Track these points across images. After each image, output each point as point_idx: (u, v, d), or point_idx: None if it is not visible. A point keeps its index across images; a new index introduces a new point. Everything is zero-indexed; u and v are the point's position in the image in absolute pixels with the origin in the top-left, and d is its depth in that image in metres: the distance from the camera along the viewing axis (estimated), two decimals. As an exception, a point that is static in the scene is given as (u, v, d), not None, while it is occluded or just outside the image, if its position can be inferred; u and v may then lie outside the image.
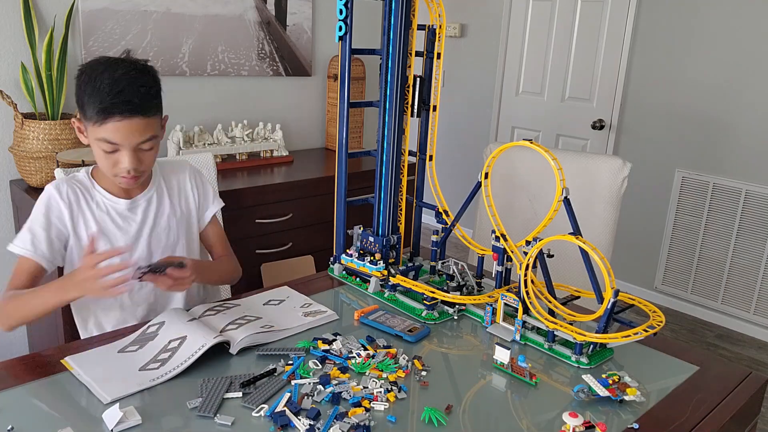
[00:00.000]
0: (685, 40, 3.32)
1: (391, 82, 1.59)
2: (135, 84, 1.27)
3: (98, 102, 1.23)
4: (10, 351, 2.38)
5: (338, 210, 1.71)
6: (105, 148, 1.28)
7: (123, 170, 1.31)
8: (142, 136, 1.29)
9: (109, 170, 1.33)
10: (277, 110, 2.98)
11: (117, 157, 1.30)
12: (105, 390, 1.09)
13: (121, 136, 1.27)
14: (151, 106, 1.30)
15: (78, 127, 1.35)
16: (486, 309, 1.44)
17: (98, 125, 1.26)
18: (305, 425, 1.02)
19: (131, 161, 1.29)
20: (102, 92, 1.23)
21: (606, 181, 2.04)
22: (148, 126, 1.30)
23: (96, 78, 1.25)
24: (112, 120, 1.24)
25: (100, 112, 1.24)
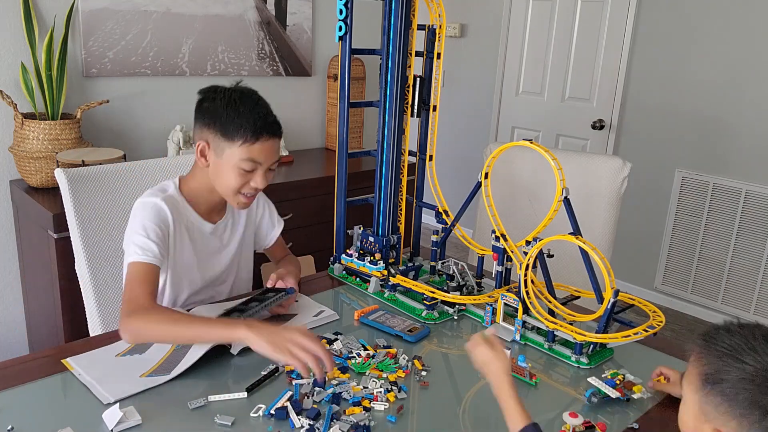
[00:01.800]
0: (685, 40, 3.32)
1: (391, 82, 1.59)
2: (269, 109, 1.39)
3: (251, 124, 1.32)
4: (10, 351, 2.38)
5: (338, 210, 1.71)
6: (246, 167, 1.35)
7: (252, 189, 1.39)
8: (277, 155, 1.41)
9: (237, 189, 1.38)
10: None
11: (251, 177, 1.37)
12: (107, 390, 1.10)
13: (266, 155, 1.36)
14: (281, 130, 1.41)
15: (202, 150, 1.38)
16: (486, 309, 1.44)
17: (248, 145, 1.33)
18: (305, 425, 1.02)
19: (264, 180, 1.39)
20: (253, 115, 1.33)
21: (606, 181, 2.04)
22: (280, 146, 1.43)
23: (237, 102, 1.34)
24: (262, 140, 1.34)
25: (254, 132, 1.32)
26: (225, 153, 1.35)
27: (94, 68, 2.40)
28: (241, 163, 1.34)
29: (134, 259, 1.28)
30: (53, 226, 1.93)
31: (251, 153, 1.34)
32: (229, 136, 1.33)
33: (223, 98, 1.35)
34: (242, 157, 1.34)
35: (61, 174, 1.59)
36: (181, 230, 1.41)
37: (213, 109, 1.35)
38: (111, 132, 2.50)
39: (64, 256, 1.86)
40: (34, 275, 2.26)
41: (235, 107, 1.33)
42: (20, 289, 2.40)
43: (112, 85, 2.47)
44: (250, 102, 1.35)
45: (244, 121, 1.32)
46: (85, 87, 2.41)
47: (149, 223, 1.33)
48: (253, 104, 1.35)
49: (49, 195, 2.12)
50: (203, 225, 1.46)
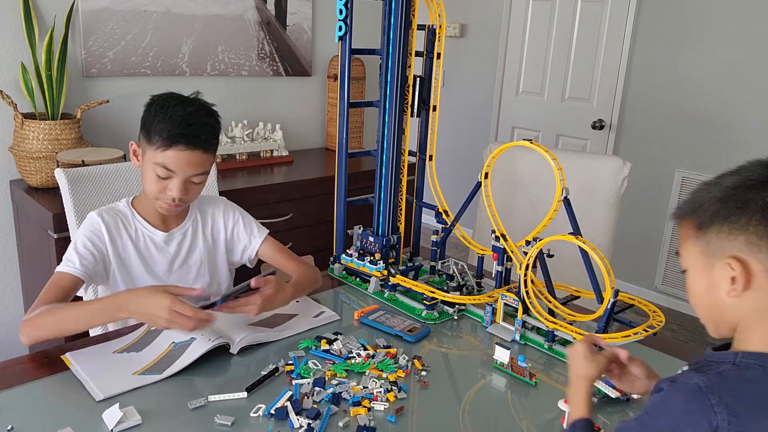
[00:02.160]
0: (685, 39, 3.32)
1: (391, 82, 1.59)
2: (203, 121, 1.35)
3: (168, 129, 1.30)
4: (10, 351, 2.38)
5: (338, 210, 1.71)
6: (160, 173, 1.33)
7: (169, 197, 1.36)
8: (197, 169, 1.35)
9: (154, 194, 1.37)
10: (277, 110, 2.98)
11: (167, 184, 1.35)
12: (99, 387, 1.11)
13: (179, 165, 1.33)
14: (211, 144, 1.37)
15: (134, 150, 1.40)
16: (486, 309, 1.44)
17: (161, 150, 1.31)
18: (304, 425, 1.02)
19: (180, 191, 1.35)
20: (173, 122, 1.31)
21: (606, 181, 2.04)
22: (204, 161, 1.36)
23: (169, 108, 1.33)
24: (175, 148, 1.31)
25: (167, 138, 1.30)
26: (146, 154, 1.35)
27: (94, 68, 2.40)
28: (155, 168, 1.33)
29: (57, 269, 1.32)
30: (53, 226, 1.93)
31: (163, 159, 1.31)
32: (149, 138, 1.33)
33: (160, 102, 1.35)
34: (155, 161, 1.32)
35: (61, 174, 1.59)
36: (122, 241, 1.41)
37: (148, 111, 1.35)
38: (111, 132, 2.50)
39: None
40: (34, 275, 2.26)
41: (164, 111, 1.32)
42: (20, 289, 2.40)
43: (112, 85, 2.47)
44: (180, 109, 1.33)
45: (163, 126, 1.31)
46: (85, 87, 2.41)
47: (80, 237, 1.37)
48: (182, 112, 1.32)
49: (49, 195, 2.12)
50: (154, 234, 1.44)
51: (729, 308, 0.81)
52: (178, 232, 1.47)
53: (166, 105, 1.33)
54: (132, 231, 1.43)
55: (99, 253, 1.37)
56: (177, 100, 1.35)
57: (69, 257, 1.34)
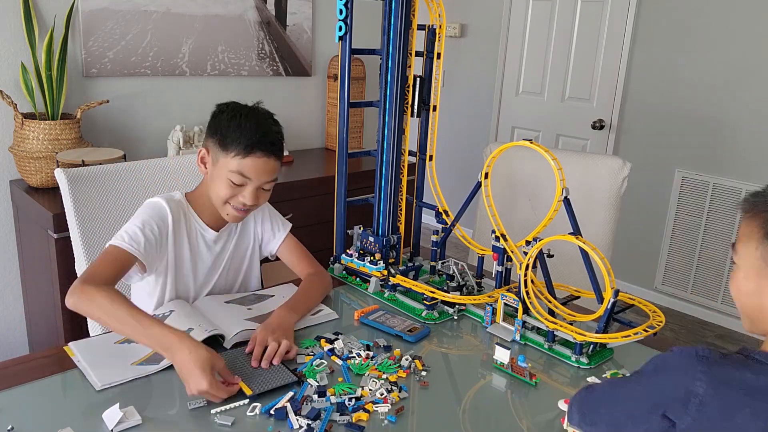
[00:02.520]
0: (685, 40, 3.32)
1: (391, 82, 1.59)
2: (275, 129, 1.40)
3: (246, 138, 1.33)
4: (10, 351, 2.38)
5: (338, 210, 1.71)
6: (235, 180, 1.35)
7: (240, 203, 1.38)
8: (270, 176, 1.39)
9: (224, 199, 1.38)
10: (277, 110, 2.95)
11: (240, 191, 1.37)
12: (98, 376, 1.13)
13: (255, 172, 1.36)
14: (281, 153, 1.41)
15: (202, 157, 1.41)
16: (486, 309, 1.44)
17: (239, 158, 1.34)
18: (303, 425, 1.02)
19: (252, 197, 1.38)
20: (250, 130, 1.34)
21: (606, 181, 2.04)
22: (275, 168, 1.40)
23: (242, 117, 1.36)
24: (254, 156, 1.34)
25: (247, 146, 1.33)
26: (219, 162, 1.36)
27: (94, 68, 2.40)
28: (231, 175, 1.35)
29: (116, 243, 1.29)
30: (53, 226, 1.93)
31: (241, 166, 1.34)
32: (224, 146, 1.35)
33: (231, 111, 1.38)
34: (231, 169, 1.34)
35: (61, 174, 1.59)
36: (180, 233, 1.42)
37: (219, 120, 1.39)
38: (111, 132, 2.50)
39: (64, 256, 1.86)
40: (34, 275, 2.26)
41: (238, 121, 1.36)
42: (20, 289, 2.40)
43: (112, 85, 2.47)
44: (254, 119, 1.37)
45: (241, 134, 1.34)
46: (85, 87, 2.41)
47: (147, 218, 1.36)
48: (255, 121, 1.37)
49: (49, 195, 2.12)
50: (206, 231, 1.46)
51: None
52: (224, 232, 1.50)
53: (239, 114, 1.37)
54: (188, 225, 1.44)
55: (162, 239, 1.37)
56: (247, 110, 1.39)
57: (133, 235, 1.30)
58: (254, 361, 1.20)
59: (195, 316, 1.34)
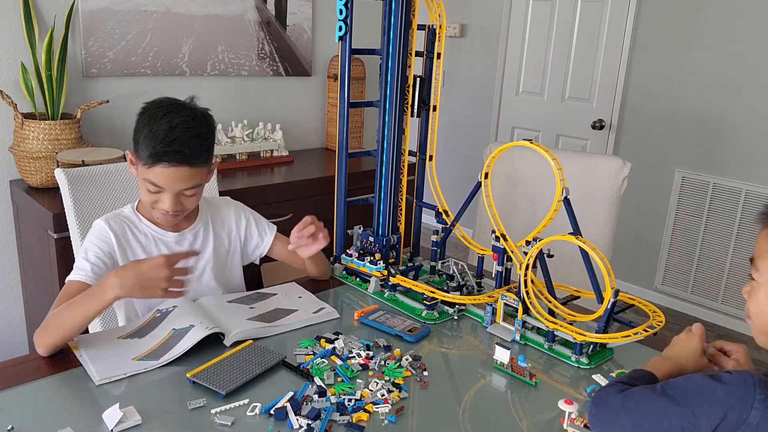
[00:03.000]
0: (685, 40, 3.32)
1: (391, 82, 1.59)
2: (189, 134, 1.31)
3: (151, 147, 1.28)
4: (10, 351, 2.38)
5: (338, 210, 1.71)
6: (149, 188, 1.33)
7: (162, 209, 1.36)
8: (186, 184, 1.33)
9: (148, 204, 1.38)
10: (277, 110, 2.98)
11: (159, 197, 1.34)
12: (97, 370, 1.14)
13: (166, 182, 1.31)
14: (200, 157, 1.34)
15: (131, 160, 1.38)
16: (486, 309, 1.44)
17: (147, 167, 1.31)
18: (303, 425, 1.02)
19: (171, 204, 1.34)
20: (157, 138, 1.28)
21: (606, 181, 2.04)
22: (193, 175, 1.34)
23: (155, 121, 1.30)
24: (160, 165, 1.29)
25: (150, 156, 1.29)
26: (137, 167, 1.35)
27: (94, 68, 2.40)
28: (144, 182, 1.33)
29: (69, 278, 1.32)
30: (53, 226, 1.93)
31: (149, 175, 1.31)
32: (137, 152, 1.33)
33: (149, 113, 1.33)
34: (143, 177, 1.33)
35: (61, 174, 1.59)
36: (129, 246, 1.40)
37: (137, 123, 1.34)
38: (111, 132, 2.50)
39: (64, 256, 1.86)
40: (34, 275, 2.26)
41: (151, 125, 1.30)
42: (20, 289, 2.40)
43: (112, 85, 2.47)
44: (167, 124, 1.29)
45: (148, 142, 1.29)
46: (85, 87, 2.41)
47: (89, 244, 1.37)
48: (167, 126, 1.29)
49: (49, 195, 2.12)
50: (164, 235, 1.43)
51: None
52: (189, 233, 1.47)
53: (154, 117, 1.31)
54: (141, 236, 1.42)
55: (110, 260, 1.36)
56: (165, 111, 1.32)
57: (80, 266, 1.33)
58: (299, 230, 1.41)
59: (197, 313, 1.34)
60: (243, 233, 1.57)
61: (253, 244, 1.59)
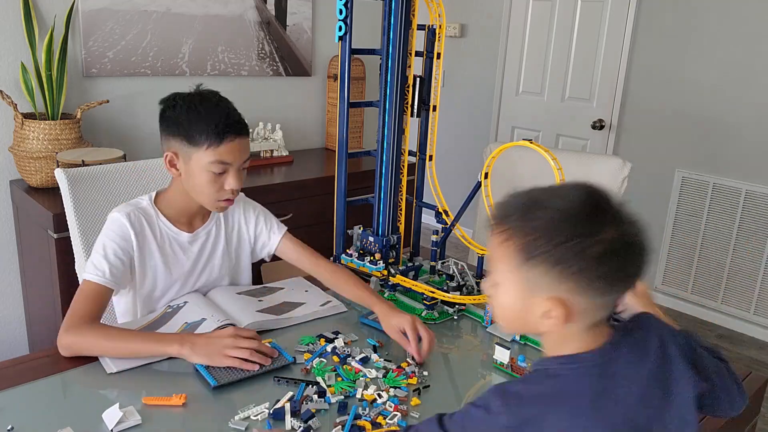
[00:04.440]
0: (685, 40, 3.32)
1: (391, 82, 1.59)
2: (231, 107, 1.35)
3: (213, 125, 1.29)
4: (10, 351, 2.38)
5: (338, 210, 1.71)
6: (216, 170, 1.31)
7: (228, 192, 1.35)
8: (247, 153, 1.36)
9: (213, 195, 1.35)
10: (277, 110, 2.98)
11: (224, 179, 1.33)
12: (113, 361, 1.17)
13: (234, 155, 1.32)
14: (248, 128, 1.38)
15: (170, 160, 1.34)
16: (486, 309, 1.44)
17: (213, 148, 1.29)
18: (296, 426, 1.02)
19: (237, 181, 1.35)
20: (213, 117, 1.29)
21: (606, 181, 2.04)
22: (248, 144, 1.38)
23: (197, 106, 1.31)
24: (227, 141, 1.30)
25: (217, 134, 1.29)
26: (192, 158, 1.31)
27: (94, 68, 2.40)
28: (211, 167, 1.31)
29: (86, 278, 1.29)
30: (53, 226, 1.93)
31: (219, 155, 1.30)
32: (194, 142, 1.30)
33: (183, 104, 1.32)
34: (210, 161, 1.30)
35: (61, 174, 1.59)
36: (147, 243, 1.38)
37: (175, 117, 1.32)
38: (111, 132, 2.50)
39: (64, 256, 1.86)
40: (34, 275, 2.26)
41: (196, 111, 1.30)
42: (20, 289, 2.40)
43: (112, 85, 2.47)
44: (210, 104, 1.32)
45: (206, 125, 1.29)
46: (85, 87, 2.41)
47: (108, 242, 1.33)
48: (213, 106, 1.32)
49: (49, 195, 2.12)
50: (179, 235, 1.42)
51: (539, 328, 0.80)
52: (202, 232, 1.46)
53: (193, 105, 1.32)
54: (156, 232, 1.39)
55: (128, 259, 1.34)
56: (199, 97, 1.34)
57: (98, 265, 1.30)
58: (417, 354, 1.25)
59: (208, 306, 1.36)
60: (252, 231, 1.55)
61: (261, 243, 1.56)
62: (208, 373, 1.14)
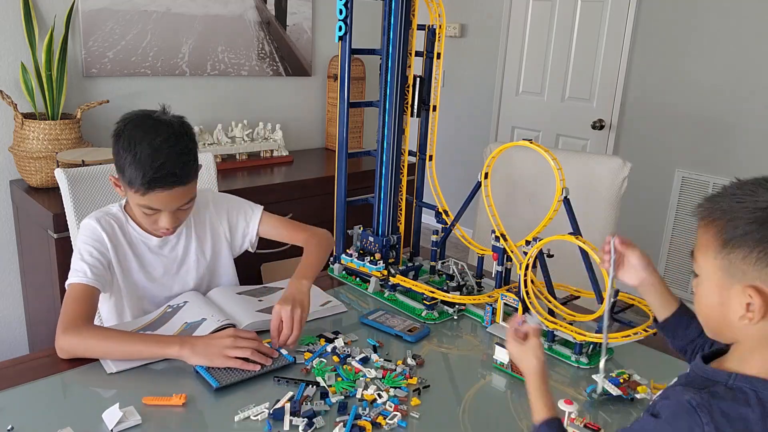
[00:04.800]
0: (685, 40, 3.32)
1: (391, 82, 1.59)
2: (175, 152, 1.26)
3: (141, 175, 1.24)
4: (10, 351, 2.38)
5: (338, 210, 1.71)
6: (146, 212, 1.32)
7: (162, 228, 1.34)
8: (182, 201, 1.32)
9: (150, 226, 1.37)
10: (277, 110, 2.98)
11: (157, 217, 1.33)
12: (113, 361, 1.17)
13: (163, 204, 1.30)
14: (190, 173, 1.31)
15: (115, 182, 1.35)
16: (486, 309, 1.44)
17: (140, 194, 1.27)
18: (299, 424, 1.02)
19: (170, 222, 1.33)
20: (144, 165, 1.23)
21: (606, 181, 2.04)
22: (188, 191, 1.32)
23: (136, 145, 1.25)
24: (155, 192, 1.26)
25: (142, 185, 1.25)
26: (128, 192, 1.30)
27: (94, 68, 2.40)
28: (140, 207, 1.31)
29: (70, 281, 1.30)
30: (53, 226, 1.93)
31: (147, 201, 1.28)
32: (126, 181, 1.28)
33: (125, 137, 1.27)
34: (137, 203, 1.30)
35: (61, 174, 1.59)
36: (122, 247, 1.39)
37: (116, 149, 1.29)
38: (111, 132, 2.50)
39: (64, 256, 1.86)
40: (34, 275, 2.26)
41: (133, 152, 1.24)
42: (20, 289, 2.40)
43: (112, 85, 2.47)
44: (150, 146, 1.24)
45: (135, 171, 1.24)
46: (85, 87, 2.41)
47: (84, 246, 1.34)
48: (151, 150, 1.24)
49: (49, 195, 2.12)
50: (148, 239, 1.42)
51: (736, 329, 0.78)
52: (172, 237, 1.45)
53: (134, 142, 1.25)
54: (128, 236, 1.40)
55: (105, 260, 1.35)
56: (142, 132, 1.26)
57: (77, 267, 1.31)
58: (274, 337, 1.24)
59: (208, 306, 1.36)
60: (226, 225, 1.53)
61: (240, 235, 1.55)
62: (209, 374, 1.14)
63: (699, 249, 0.80)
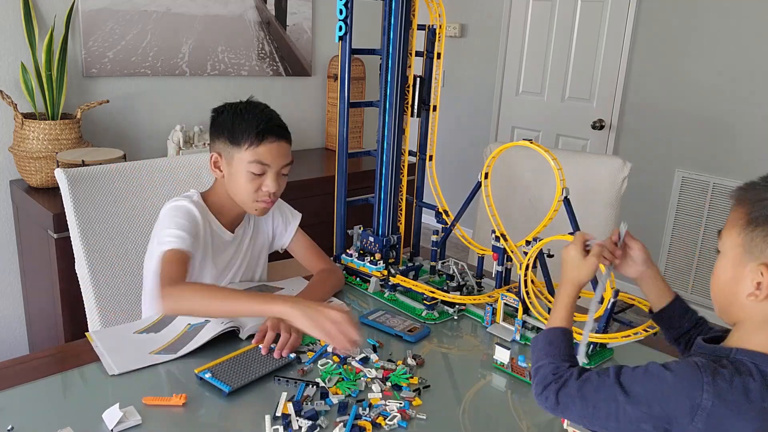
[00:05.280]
0: (685, 40, 3.32)
1: (391, 82, 1.59)
2: (276, 115, 1.44)
3: (254, 127, 1.37)
4: (10, 351, 2.38)
5: (338, 210, 1.71)
6: (255, 170, 1.38)
7: (265, 194, 1.41)
8: (286, 159, 1.43)
9: (251, 194, 1.41)
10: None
11: (262, 181, 1.40)
12: (115, 362, 1.17)
13: (272, 157, 1.39)
14: (289, 137, 1.45)
15: (215, 161, 1.43)
16: (486, 309, 1.44)
17: (253, 148, 1.37)
18: (303, 425, 1.02)
19: (275, 184, 1.41)
20: (256, 119, 1.38)
21: (606, 181, 2.04)
22: (289, 151, 1.44)
23: (243, 112, 1.40)
24: (267, 141, 1.38)
25: (258, 134, 1.37)
26: (234, 159, 1.39)
27: (94, 68, 2.40)
28: (250, 167, 1.38)
29: (168, 247, 1.32)
30: (53, 226, 1.93)
31: (257, 155, 1.37)
32: (236, 142, 1.38)
33: (230, 110, 1.41)
34: (249, 160, 1.37)
35: (61, 174, 1.59)
36: (204, 233, 1.43)
37: (222, 120, 1.41)
38: (111, 132, 2.50)
39: (64, 256, 1.86)
40: (34, 275, 2.26)
41: (241, 115, 1.39)
42: (20, 289, 2.40)
43: (112, 85, 2.47)
44: (255, 109, 1.41)
45: (248, 125, 1.37)
46: (85, 87, 2.41)
47: (182, 221, 1.37)
48: (258, 111, 1.40)
49: (49, 195, 2.12)
50: (224, 233, 1.48)
51: (742, 306, 0.83)
52: (239, 231, 1.52)
53: (240, 109, 1.40)
54: (207, 227, 1.44)
55: (196, 236, 1.38)
56: (246, 104, 1.42)
57: (173, 235, 1.33)
58: (265, 349, 1.23)
59: None
60: (272, 224, 1.61)
61: (279, 233, 1.63)
62: (218, 380, 1.12)
63: (726, 227, 0.86)
